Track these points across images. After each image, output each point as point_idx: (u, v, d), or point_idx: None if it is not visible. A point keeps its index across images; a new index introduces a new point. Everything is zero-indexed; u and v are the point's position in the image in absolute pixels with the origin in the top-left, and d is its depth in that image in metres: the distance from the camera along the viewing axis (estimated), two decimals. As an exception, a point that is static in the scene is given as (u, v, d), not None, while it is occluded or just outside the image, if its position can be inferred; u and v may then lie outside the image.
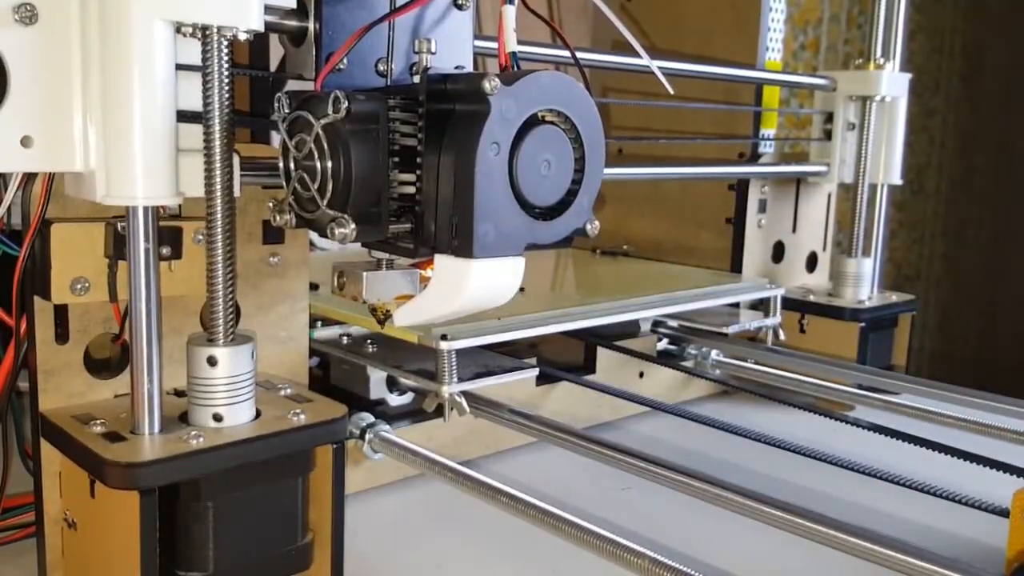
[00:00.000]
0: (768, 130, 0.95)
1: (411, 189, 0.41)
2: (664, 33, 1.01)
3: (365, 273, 0.45)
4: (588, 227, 0.43)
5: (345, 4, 0.45)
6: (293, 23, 0.45)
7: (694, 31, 0.98)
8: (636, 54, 0.54)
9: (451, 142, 0.39)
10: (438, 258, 0.41)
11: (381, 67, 0.46)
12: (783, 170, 0.91)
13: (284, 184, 0.44)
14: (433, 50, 0.45)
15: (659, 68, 0.67)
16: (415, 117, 0.41)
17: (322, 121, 0.41)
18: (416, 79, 0.46)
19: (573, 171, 0.42)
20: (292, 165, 0.43)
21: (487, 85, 0.38)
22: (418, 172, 0.41)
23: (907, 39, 2.01)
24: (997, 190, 2.48)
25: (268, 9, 0.44)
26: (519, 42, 0.44)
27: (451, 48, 0.47)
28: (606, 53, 0.70)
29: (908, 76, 0.89)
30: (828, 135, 0.90)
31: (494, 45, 0.46)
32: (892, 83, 0.87)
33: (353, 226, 0.40)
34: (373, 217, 0.41)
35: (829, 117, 0.90)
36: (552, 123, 0.41)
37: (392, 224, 0.42)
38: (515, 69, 0.43)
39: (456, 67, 0.48)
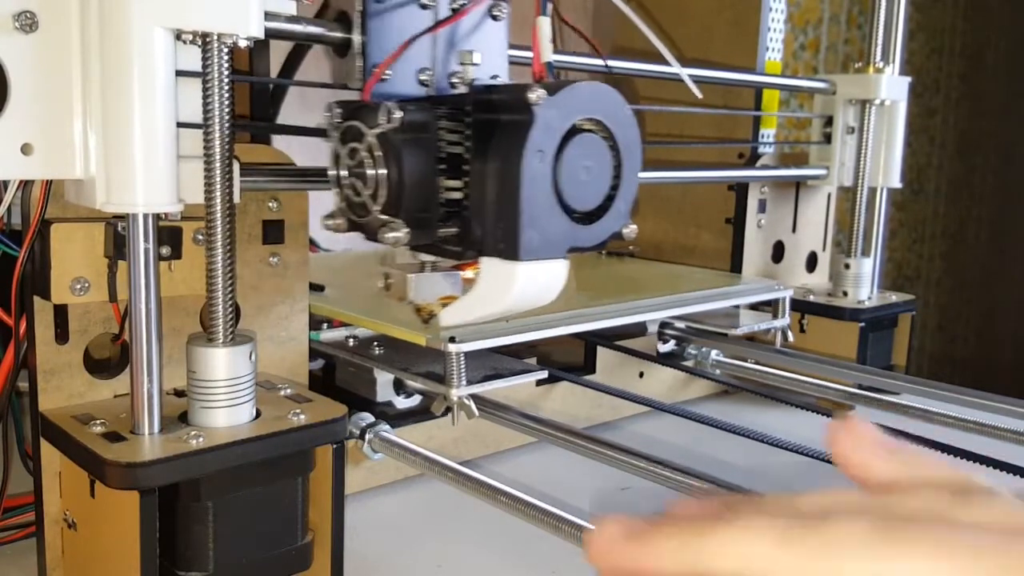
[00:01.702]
0: (768, 130, 0.95)
1: (458, 195, 0.43)
2: (663, 34, 1.01)
3: (412, 275, 0.47)
4: (625, 230, 0.45)
5: (389, 16, 0.47)
6: (338, 35, 0.47)
7: (694, 31, 0.98)
8: (644, 60, 0.54)
9: (497, 150, 0.41)
10: (484, 261, 0.42)
11: (422, 77, 0.48)
12: (783, 174, 0.91)
13: (336, 190, 0.45)
14: (477, 61, 0.47)
15: (658, 72, 0.68)
16: (462, 126, 0.43)
17: (375, 130, 0.42)
18: (455, 88, 0.48)
19: (611, 177, 0.44)
20: (344, 172, 0.44)
21: (532, 96, 0.39)
22: (465, 179, 0.42)
23: (907, 40, 2.01)
24: (997, 190, 2.48)
25: (312, 22, 0.46)
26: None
27: (487, 58, 0.49)
28: (633, 60, 0.69)
29: (908, 80, 0.89)
30: (828, 138, 0.90)
31: (520, 53, 0.49)
32: (891, 87, 0.87)
33: (406, 230, 0.42)
34: (423, 222, 0.43)
35: (829, 120, 0.90)
36: (591, 131, 0.42)
37: (440, 228, 0.44)
38: (552, 79, 0.45)
39: (492, 76, 0.49)
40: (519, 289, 0.41)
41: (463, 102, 0.43)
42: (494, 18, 0.49)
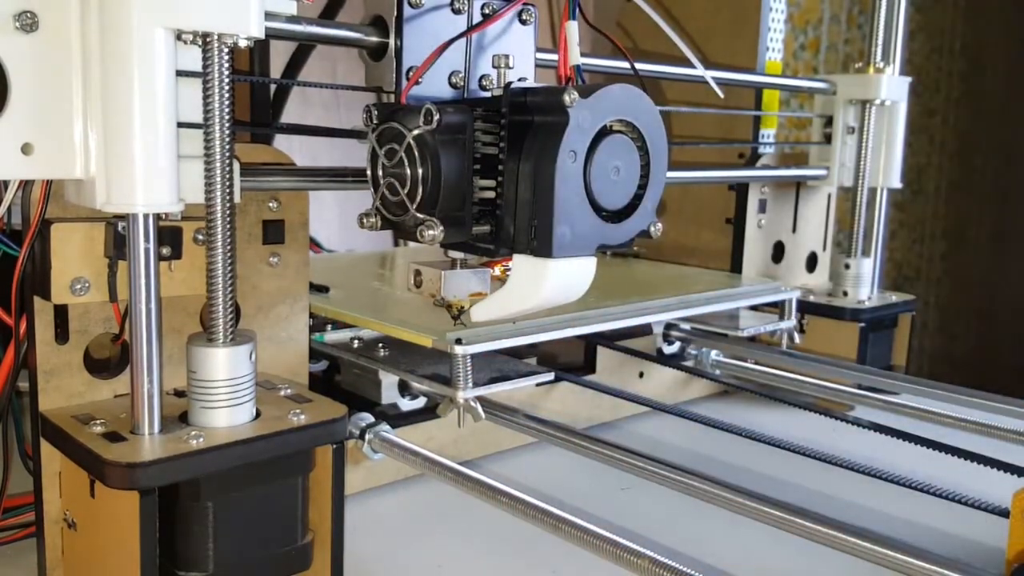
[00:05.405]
0: (768, 130, 0.95)
1: (491, 194, 0.44)
2: (664, 33, 1.01)
3: (444, 272, 0.48)
4: (651, 229, 0.46)
5: (423, 21, 0.48)
6: (374, 39, 0.48)
7: (694, 31, 0.98)
8: (644, 61, 0.55)
9: (531, 150, 0.42)
10: (517, 258, 0.44)
11: (453, 79, 0.49)
12: (783, 174, 0.91)
13: (372, 190, 0.46)
14: (512, 65, 0.48)
15: (661, 73, 0.68)
16: (496, 127, 0.44)
17: (414, 132, 0.43)
18: (485, 91, 0.50)
19: (639, 177, 0.45)
20: (380, 172, 0.45)
21: (567, 98, 0.40)
22: (499, 178, 0.44)
23: (907, 40, 2.01)
24: (997, 190, 2.48)
25: (351, 27, 0.48)
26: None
27: (516, 61, 0.50)
28: (649, 63, 0.69)
29: (908, 80, 0.89)
30: (828, 138, 0.90)
31: (542, 56, 0.51)
32: (892, 87, 0.87)
33: (441, 228, 0.43)
34: (459, 220, 0.44)
35: (829, 120, 0.90)
36: (621, 132, 0.43)
37: (473, 226, 0.45)
38: (579, 82, 0.46)
39: (519, 79, 0.50)
40: (551, 285, 0.43)
41: (499, 104, 0.44)
42: (523, 23, 0.51)
